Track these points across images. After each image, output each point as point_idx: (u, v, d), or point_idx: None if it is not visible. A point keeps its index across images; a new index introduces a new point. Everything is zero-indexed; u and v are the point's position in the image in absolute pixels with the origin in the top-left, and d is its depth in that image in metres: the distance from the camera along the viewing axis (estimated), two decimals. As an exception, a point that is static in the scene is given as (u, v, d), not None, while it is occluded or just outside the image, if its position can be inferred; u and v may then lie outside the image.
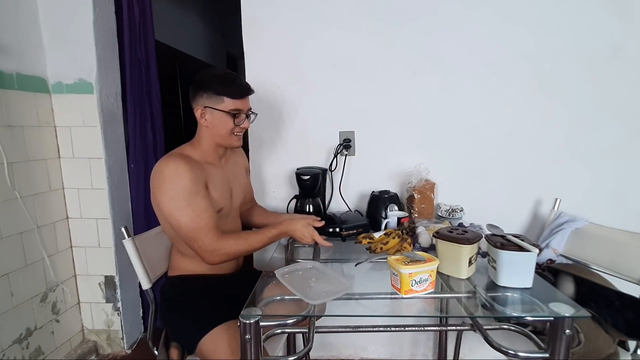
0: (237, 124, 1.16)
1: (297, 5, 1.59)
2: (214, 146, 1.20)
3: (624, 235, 1.27)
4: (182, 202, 1.06)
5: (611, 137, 1.55)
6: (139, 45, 1.89)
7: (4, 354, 1.47)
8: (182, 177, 1.06)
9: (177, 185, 1.06)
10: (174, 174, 1.06)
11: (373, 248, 1.21)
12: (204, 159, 1.18)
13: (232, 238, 1.11)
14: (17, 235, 1.53)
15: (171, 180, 1.06)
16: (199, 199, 1.08)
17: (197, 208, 1.07)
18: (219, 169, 1.22)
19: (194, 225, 1.06)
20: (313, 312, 0.90)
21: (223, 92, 1.13)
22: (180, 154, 1.13)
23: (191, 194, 1.06)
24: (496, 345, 0.84)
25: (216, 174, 1.19)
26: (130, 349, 1.91)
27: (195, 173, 1.09)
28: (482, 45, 1.55)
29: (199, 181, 1.09)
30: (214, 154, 1.22)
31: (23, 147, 1.55)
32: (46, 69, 1.66)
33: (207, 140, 1.19)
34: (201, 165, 1.14)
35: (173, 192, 1.06)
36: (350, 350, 1.84)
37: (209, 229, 1.08)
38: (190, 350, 1.10)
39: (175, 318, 1.16)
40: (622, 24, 1.49)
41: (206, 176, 1.13)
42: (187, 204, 1.06)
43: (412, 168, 1.54)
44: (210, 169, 1.17)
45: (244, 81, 1.19)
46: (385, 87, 1.62)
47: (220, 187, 1.18)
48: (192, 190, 1.06)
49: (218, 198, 1.16)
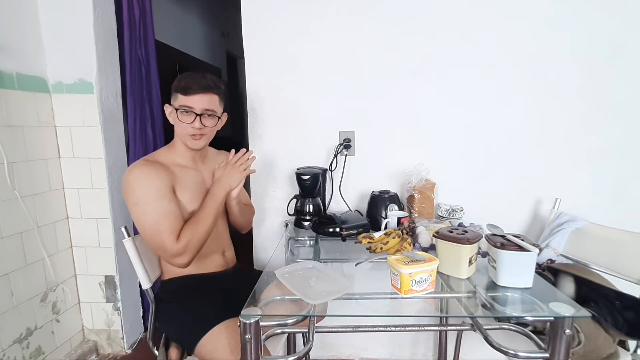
0: (181, 120, 1.12)
1: (297, 5, 1.59)
2: (184, 146, 1.19)
3: (624, 235, 1.27)
4: (145, 206, 1.06)
5: (611, 137, 1.55)
6: (139, 45, 1.89)
7: (4, 354, 1.47)
8: (144, 182, 1.06)
9: (140, 190, 1.06)
10: (137, 179, 1.07)
11: (373, 248, 1.20)
12: (175, 161, 1.18)
13: (187, 230, 1.08)
14: (17, 235, 1.53)
15: (135, 186, 1.07)
16: (164, 203, 1.07)
17: (160, 212, 1.06)
18: (192, 170, 1.21)
19: (155, 229, 1.06)
20: (313, 312, 0.90)
21: (175, 88, 1.12)
22: (146, 160, 1.14)
23: (155, 198, 1.06)
24: (496, 345, 0.84)
25: (188, 175, 1.18)
26: (130, 348, 1.91)
27: (160, 177, 1.08)
28: (482, 45, 1.56)
29: (162, 185, 1.08)
30: (187, 155, 1.21)
31: (23, 147, 1.55)
32: (46, 69, 1.66)
33: (178, 140, 1.19)
34: (168, 168, 1.13)
35: (136, 198, 1.06)
36: (350, 350, 1.84)
37: (170, 232, 1.06)
38: (190, 351, 1.10)
39: (173, 321, 1.16)
40: (622, 24, 1.49)
41: (174, 179, 1.12)
42: (150, 209, 1.06)
43: (412, 168, 1.54)
44: (181, 171, 1.17)
45: (202, 78, 1.12)
46: (385, 87, 1.62)
47: (192, 189, 1.17)
48: (155, 194, 1.06)
49: (188, 200, 1.15)
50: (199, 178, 1.22)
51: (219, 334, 1.05)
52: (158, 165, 1.12)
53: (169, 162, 1.16)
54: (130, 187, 1.07)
